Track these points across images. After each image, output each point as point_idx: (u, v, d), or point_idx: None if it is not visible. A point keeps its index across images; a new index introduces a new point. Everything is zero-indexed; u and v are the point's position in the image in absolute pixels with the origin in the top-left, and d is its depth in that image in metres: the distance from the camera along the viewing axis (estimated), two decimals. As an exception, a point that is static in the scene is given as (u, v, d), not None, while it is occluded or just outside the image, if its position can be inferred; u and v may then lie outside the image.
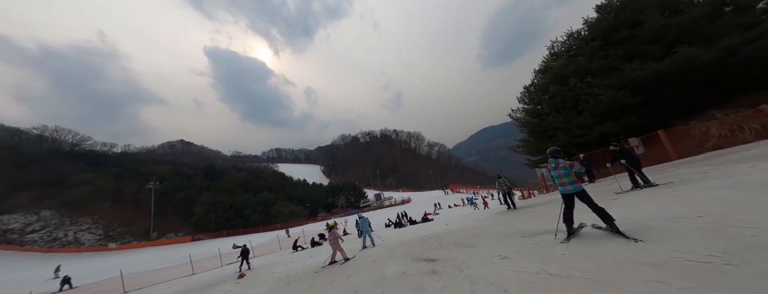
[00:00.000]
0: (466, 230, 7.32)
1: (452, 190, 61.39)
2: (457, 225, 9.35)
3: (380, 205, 59.07)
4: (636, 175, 6.69)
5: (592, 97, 11.82)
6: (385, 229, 20.11)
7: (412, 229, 13.04)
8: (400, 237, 10.20)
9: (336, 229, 7.91)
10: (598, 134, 12.24)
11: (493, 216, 9.47)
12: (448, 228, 9.15)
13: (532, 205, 9.17)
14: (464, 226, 8.50)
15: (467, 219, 10.92)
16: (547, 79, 14.10)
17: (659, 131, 9.57)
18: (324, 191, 69.53)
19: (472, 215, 12.47)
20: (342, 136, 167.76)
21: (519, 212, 8.52)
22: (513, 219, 7.44)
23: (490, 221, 8.07)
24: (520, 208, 9.27)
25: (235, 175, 61.06)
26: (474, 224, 8.23)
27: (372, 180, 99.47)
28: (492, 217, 8.91)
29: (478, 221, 8.69)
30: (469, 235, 6.45)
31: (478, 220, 9.33)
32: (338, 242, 7.37)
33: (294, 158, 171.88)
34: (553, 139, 14.78)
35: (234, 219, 45.44)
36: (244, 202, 48.36)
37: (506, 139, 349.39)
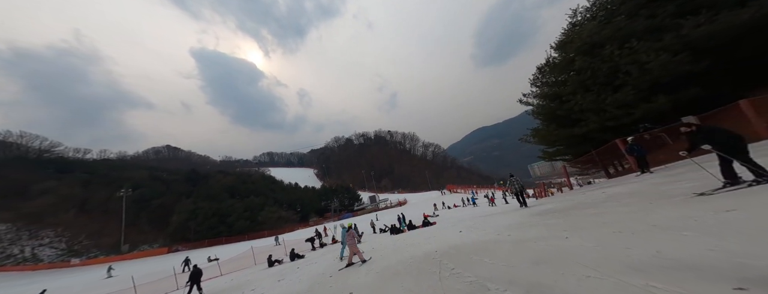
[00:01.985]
0: (495, 244, 4.70)
1: (449, 190, 59.14)
2: (475, 233, 6.70)
3: (375, 208, 56.15)
4: (738, 164, 3.89)
5: (637, 67, 9.39)
6: (375, 235, 17.28)
7: (412, 237, 10.34)
8: (398, 250, 7.52)
9: (353, 230, 8.01)
10: (643, 113, 9.80)
11: (510, 218, 6.88)
12: (464, 238, 6.48)
13: (552, 210, 6.60)
14: (485, 235, 5.87)
15: (484, 224, 8.27)
16: (573, 51, 11.67)
17: (741, 102, 7.17)
18: (317, 195, 66.15)
19: (483, 217, 9.88)
20: (335, 139, 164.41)
21: (543, 215, 6.04)
22: (543, 224, 4.89)
23: (516, 229, 5.50)
24: (541, 212, 6.74)
25: (221, 179, 57.19)
26: (495, 235, 5.61)
27: (367, 182, 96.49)
28: (512, 221, 6.36)
29: (498, 230, 6.07)
30: (510, 255, 3.80)
31: (498, 227, 6.70)
32: (355, 243, 7.24)
33: (287, 162, 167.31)
34: (579, 124, 12.34)
35: (217, 227, 41.69)
36: (228, 208, 44.68)
37: (500, 139, 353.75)
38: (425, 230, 12.55)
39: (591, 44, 10.87)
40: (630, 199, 5.26)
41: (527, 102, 16.44)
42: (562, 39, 13.25)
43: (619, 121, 10.52)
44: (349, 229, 7.63)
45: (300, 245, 21.01)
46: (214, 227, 41.42)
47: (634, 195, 5.55)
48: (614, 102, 10.34)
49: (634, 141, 8.68)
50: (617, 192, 6.44)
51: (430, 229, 12.37)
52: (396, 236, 13.62)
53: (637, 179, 7.67)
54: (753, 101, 7.27)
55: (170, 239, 39.66)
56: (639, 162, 8.62)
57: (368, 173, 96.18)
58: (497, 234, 5.72)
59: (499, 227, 6.75)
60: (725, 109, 7.80)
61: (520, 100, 16.78)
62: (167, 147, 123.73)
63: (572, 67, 12.08)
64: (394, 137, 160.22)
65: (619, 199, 5.55)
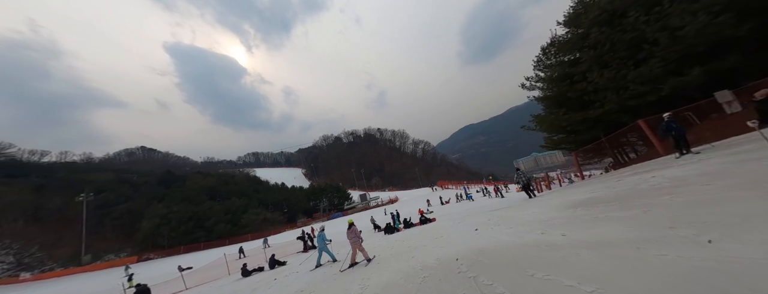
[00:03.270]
0: (552, 250, 3.11)
1: (440, 186, 58.48)
2: (500, 232, 5.14)
3: (366, 206, 54.40)
4: None
5: (667, 34, 8.16)
6: (367, 235, 15.53)
7: (413, 237, 8.72)
8: (399, 255, 5.80)
9: (355, 226, 7.23)
10: (672, 88, 8.61)
11: (534, 211, 5.30)
12: (488, 239, 4.90)
13: (595, 200, 5.16)
14: (521, 235, 4.29)
15: (503, 219, 6.74)
16: (588, 23, 10.36)
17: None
18: (305, 194, 63.37)
19: (492, 211, 8.35)
20: (324, 137, 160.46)
21: (588, 208, 4.56)
22: (606, 218, 3.39)
23: (564, 226, 3.94)
24: (576, 204, 5.29)
25: (200, 181, 53.19)
26: (539, 234, 4.03)
27: (357, 180, 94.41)
28: (541, 215, 4.78)
29: (534, 227, 4.52)
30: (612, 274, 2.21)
31: (529, 223, 5.17)
32: (359, 241, 6.79)
33: (273, 162, 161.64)
34: (593, 106, 11.14)
35: (194, 232, 38.33)
36: (207, 211, 41.28)
37: (486, 136, 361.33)
38: (426, 228, 10.95)
39: (611, 12, 9.60)
40: (720, 182, 3.82)
41: (531, 86, 15.18)
42: (572, 13, 11.99)
43: (644, 99, 9.33)
44: (351, 227, 7.07)
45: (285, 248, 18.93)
46: (190, 232, 38.03)
47: (718, 177, 4.14)
48: (638, 77, 9.13)
49: (670, 118, 7.43)
50: (677, 176, 5.05)
51: (431, 227, 10.78)
52: (392, 236, 11.93)
53: (684, 161, 6.39)
54: None
55: (140, 247, 35.95)
56: (677, 142, 7.38)
57: (358, 171, 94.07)
58: (541, 232, 4.14)
59: (529, 223, 5.22)
60: (752, 86, 6.65)
61: (523, 85, 15.51)
62: (141, 148, 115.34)
63: (586, 43, 10.81)
64: (384, 135, 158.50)
65: (695, 184, 4.11)
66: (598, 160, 17.43)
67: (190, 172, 64.53)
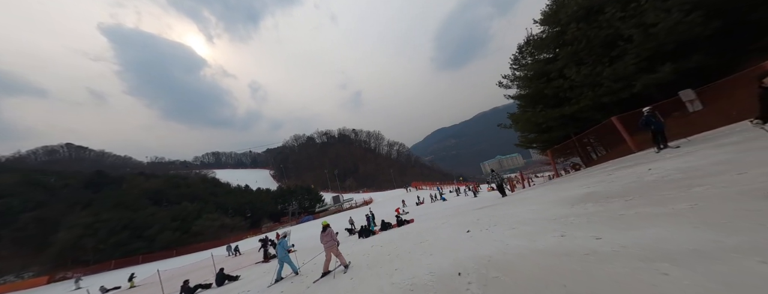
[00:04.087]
0: (599, 261, 2.24)
1: (415, 187, 58.78)
2: (503, 235, 4.28)
3: (339, 208, 52.15)
4: None
5: (641, 31, 8.31)
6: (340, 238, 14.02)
7: (392, 241, 7.60)
8: (377, 265, 4.62)
9: (331, 228, 6.32)
10: (643, 86, 8.82)
11: (527, 210, 4.55)
12: (490, 244, 3.98)
13: (596, 194, 4.70)
14: (534, 238, 3.41)
15: (495, 218, 5.98)
16: (566, 19, 10.39)
17: None
18: (272, 197, 58.68)
19: (476, 209, 7.69)
20: (295, 137, 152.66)
21: (601, 203, 3.96)
22: (636, 214, 2.72)
23: (588, 228, 3.16)
24: (575, 200, 4.77)
25: (141, 183, 45.81)
26: (559, 236, 3.22)
27: (330, 182, 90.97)
28: (544, 213, 4.02)
29: (545, 228, 3.74)
30: None
31: (532, 223, 4.42)
32: (335, 245, 5.92)
33: (237, 163, 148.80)
34: (569, 103, 11.24)
35: (129, 242, 32.43)
36: (148, 218, 35.41)
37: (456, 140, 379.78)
38: (406, 230, 9.88)
39: (588, 8, 9.67)
40: (754, 170, 3.35)
41: (508, 84, 15.20)
42: (549, 10, 12.11)
43: (617, 96, 9.50)
44: (326, 229, 6.33)
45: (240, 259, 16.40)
46: (124, 243, 32.09)
47: (740, 166, 3.72)
48: (612, 74, 9.25)
49: (650, 112, 7.44)
50: (682, 167, 4.68)
51: (411, 229, 9.76)
52: (368, 240, 10.65)
53: (669, 155, 6.27)
54: None
55: (53, 264, 29.18)
56: (656, 136, 7.41)
57: (332, 173, 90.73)
58: (560, 235, 3.27)
59: (532, 222, 4.42)
60: (714, 85, 6.96)
61: (500, 83, 15.50)
62: (67, 146, 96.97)
63: (562, 40, 10.87)
64: (359, 136, 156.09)
65: (722, 174, 3.64)
66: (564, 159, 18.29)
67: (129, 174, 55.51)
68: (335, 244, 6.05)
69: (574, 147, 14.31)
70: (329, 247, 5.97)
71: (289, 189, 62.46)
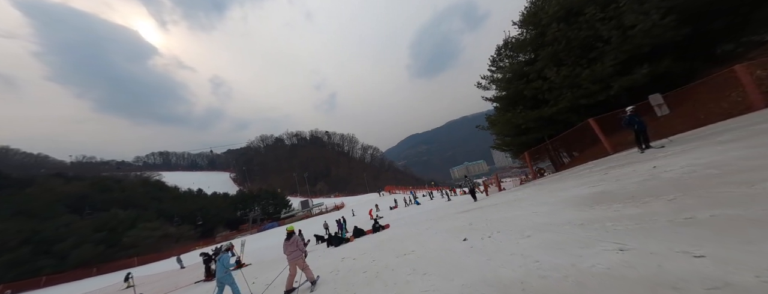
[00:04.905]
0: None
1: (388, 191, 57.99)
2: (518, 247, 3.29)
3: (308, 214, 48.77)
4: None
5: (620, 33, 8.43)
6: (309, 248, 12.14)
7: (369, 251, 6.27)
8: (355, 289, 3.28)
9: (297, 235, 5.40)
10: (620, 88, 8.95)
11: (533, 212, 3.66)
12: (528, 265, 2.95)
13: (605, 194, 4.16)
14: (585, 256, 2.46)
15: (494, 223, 5.07)
16: (546, 19, 10.38)
17: (737, 67, 6.55)
18: (230, 202, 52.70)
19: (460, 213, 6.78)
20: (262, 138, 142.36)
21: (619, 205, 3.29)
22: None
23: (629, 235, 2.33)
24: (588, 201, 4.11)
25: (56, 187, 37.44)
26: (619, 253, 2.32)
27: (299, 186, 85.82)
28: (564, 216, 3.15)
29: (551, 231, 2.87)
30: None
31: (534, 225, 3.56)
32: (302, 257, 4.98)
33: (191, 164, 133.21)
34: (548, 104, 11.22)
35: (32, 260, 25.66)
36: (61, 229, 28.63)
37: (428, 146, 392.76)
38: (383, 237, 8.56)
39: (568, 9, 9.72)
40: None
41: (486, 86, 15.09)
42: (528, 12, 12.20)
43: (594, 98, 9.57)
44: (292, 236, 5.27)
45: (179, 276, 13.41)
46: (25, 261, 25.29)
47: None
48: (591, 76, 9.30)
49: (633, 111, 7.37)
50: (705, 162, 4.24)
51: (390, 236, 8.49)
52: (339, 251, 9.06)
53: (662, 153, 6.04)
54: (750, 66, 6.73)
55: None
56: (638, 136, 7.32)
57: (301, 176, 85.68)
58: (619, 249, 2.31)
59: (547, 229, 3.53)
60: (681, 91, 7.20)
61: (479, 84, 15.35)
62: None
63: (542, 40, 10.87)
64: (332, 138, 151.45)
65: (752, 171, 3.11)
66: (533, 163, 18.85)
67: (42, 175, 45.28)
68: (302, 255, 5.06)
69: (545, 151, 14.60)
70: (294, 259, 4.94)
71: (251, 193, 56.90)
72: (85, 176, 51.33)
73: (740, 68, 6.53)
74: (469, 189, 12.99)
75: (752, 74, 6.52)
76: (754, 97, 6.43)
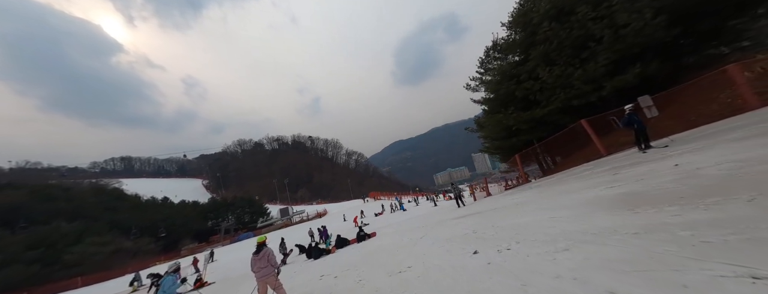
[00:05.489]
0: None
1: (372, 197, 56.66)
2: (565, 268, 2.49)
3: (287, 223, 45.91)
4: None
5: (612, 32, 8.34)
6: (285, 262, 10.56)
7: (349, 268, 5.19)
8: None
9: (269, 247, 4.51)
10: (611, 89, 8.83)
11: (551, 218, 2.90)
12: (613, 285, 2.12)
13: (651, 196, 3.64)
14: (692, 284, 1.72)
15: (523, 235, 4.29)
16: (538, 18, 10.23)
17: (731, 66, 6.50)
18: (200, 212, 48.32)
19: (455, 219, 5.96)
20: (239, 142, 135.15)
21: None
22: None
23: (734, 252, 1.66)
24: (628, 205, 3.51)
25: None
26: (752, 284, 1.61)
27: (279, 193, 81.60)
28: (598, 222, 2.46)
29: (597, 243, 2.17)
30: None
31: (565, 233, 2.84)
32: (274, 274, 4.25)
33: (157, 170, 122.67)
34: (539, 105, 10.99)
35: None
36: (-17, 246, 24.09)
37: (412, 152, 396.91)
38: (369, 248, 7.47)
39: (560, 8, 9.62)
40: None
41: (475, 87, 14.81)
42: (518, 12, 12.12)
43: (586, 99, 9.40)
44: (262, 249, 4.31)
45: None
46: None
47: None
48: (583, 77, 9.13)
49: (632, 110, 7.11)
50: (731, 160, 3.77)
51: (376, 246, 7.42)
52: (318, 263, 7.78)
53: (670, 152, 5.68)
54: (744, 65, 6.70)
55: None
56: (638, 136, 7.05)
57: (282, 182, 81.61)
58: (750, 277, 1.56)
59: (595, 239, 2.78)
60: (670, 92, 7.15)
61: (468, 85, 15.06)
62: None
63: (533, 40, 10.71)
64: (315, 143, 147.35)
65: None
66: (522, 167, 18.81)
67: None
68: (274, 272, 4.33)
69: (533, 154, 14.45)
70: (264, 277, 4.22)
71: (224, 201, 52.80)
72: (24, 184, 44.70)
73: (733, 68, 6.49)
74: (454, 195, 12.66)
75: (753, 72, 6.51)
76: (748, 97, 6.39)
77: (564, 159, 13.16)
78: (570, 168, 10.75)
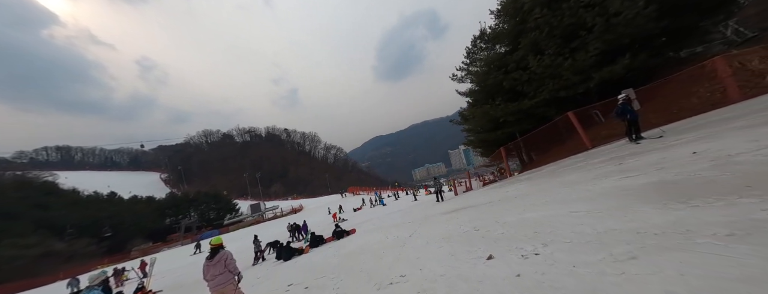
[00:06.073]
0: None
1: (352, 192, 55.58)
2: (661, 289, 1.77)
3: (258, 219, 43.12)
4: None
5: (603, 20, 8.12)
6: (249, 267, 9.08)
7: (327, 276, 4.26)
8: None
9: (227, 250, 3.79)
10: (600, 80, 8.70)
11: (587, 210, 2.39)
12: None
13: None
14: None
15: (551, 232, 3.61)
16: (530, 3, 9.78)
17: (718, 58, 6.53)
18: (155, 208, 43.36)
19: (446, 214, 5.30)
20: (205, 133, 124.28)
21: None
22: None
23: None
24: None
25: None
26: None
27: (251, 188, 76.77)
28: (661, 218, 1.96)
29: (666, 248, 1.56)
30: None
31: (602, 231, 2.21)
32: (233, 282, 3.64)
33: (104, 162, 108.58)
34: (527, 97, 10.71)
35: None
36: None
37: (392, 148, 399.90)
38: (349, 248, 6.46)
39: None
40: None
41: (461, 78, 14.30)
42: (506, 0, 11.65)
43: (574, 90, 9.23)
44: (216, 253, 3.63)
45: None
46: None
47: None
48: (572, 66, 8.90)
49: (626, 100, 6.91)
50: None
51: (356, 244, 6.45)
52: (286, 266, 6.61)
53: (672, 142, 5.45)
54: (728, 58, 6.74)
55: None
56: (631, 126, 6.88)
57: (253, 177, 76.68)
58: None
59: (664, 239, 2.11)
60: (652, 86, 7.14)
61: (454, 76, 14.51)
62: None
63: (523, 28, 10.33)
64: (292, 136, 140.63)
65: None
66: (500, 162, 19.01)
67: None
68: (233, 279, 3.68)
69: (516, 148, 14.46)
70: (220, 286, 3.52)
71: (186, 196, 47.99)
72: None
73: (720, 61, 6.52)
74: (435, 189, 12.83)
75: (731, 67, 6.56)
76: (731, 90, 6.46)
77: (544, 153, 13.24)
78: (554, 161, 10.70)
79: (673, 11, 7.95)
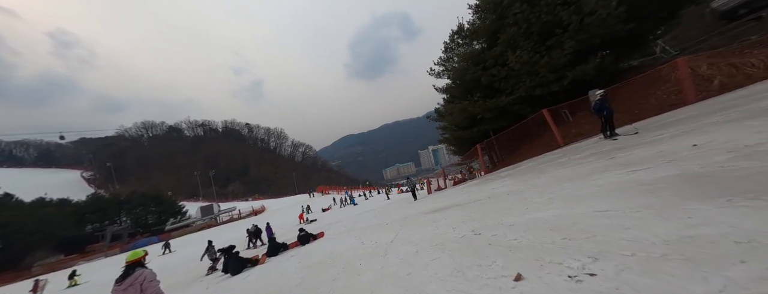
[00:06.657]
0: None
1: (321, 192, 53.06)
2: None
3: (211, 223, 38.33)
4: None
5: (578, 19, 8.26)
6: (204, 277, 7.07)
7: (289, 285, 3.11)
8: None
9: (148, 270, 2.81)
10: (573, 78, 8.89)
11: None
12: None
13: None
14: None
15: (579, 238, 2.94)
16: (509, 0, 9.64)
17: (679, 60, 6.95)
18: (72, 213, 35.55)
19: (427, 214, 4.56)
20: (145, 124, 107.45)
21: None
22: None
23: None
24: None
25: None
26: None
27: (203, 188, 68.42)
28: None
29: None
30: None
31: (650, 240, 1.63)
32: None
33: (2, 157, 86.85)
34: (504, 93, 10.64)
35: None
36: None
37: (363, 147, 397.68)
38: (315, 257, 5.25)
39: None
40: None
41: (438, 73, 13.93)
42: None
43: (549, 88, 9.33)
44: (132, 272, 2.72)
45: None
46: None
47: None
48: (548, 65, 8.97)
49: (603, 96, 6.97)
50: None
51: (325, 252, 5.27)
52: (235, 283, 5.12)
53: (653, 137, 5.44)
54: (692, 59, 7.19)
55: None
56: (606, 123, 6.96)
57: (206, 175, 68.27)
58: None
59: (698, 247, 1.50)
60: (621, 85, 7.53)
61: (431, 70, 14.08)
62: None
63: (502, 23, 10.22)
64: (255, 132, 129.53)
65: None
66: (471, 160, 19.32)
67: None
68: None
69: (489, 146, 14.63)
70: None
71: (116, 198, 40.42)
72: None
73: (681, 62, 6.94)
74: (409, 188, 13.38)
75: (692, 69, 7.03)
76: (689, 92, 6.93)
77: (514, 151, 13.54)
78: (527, 159, 10.84)
79: (638, 13, 8.46)
